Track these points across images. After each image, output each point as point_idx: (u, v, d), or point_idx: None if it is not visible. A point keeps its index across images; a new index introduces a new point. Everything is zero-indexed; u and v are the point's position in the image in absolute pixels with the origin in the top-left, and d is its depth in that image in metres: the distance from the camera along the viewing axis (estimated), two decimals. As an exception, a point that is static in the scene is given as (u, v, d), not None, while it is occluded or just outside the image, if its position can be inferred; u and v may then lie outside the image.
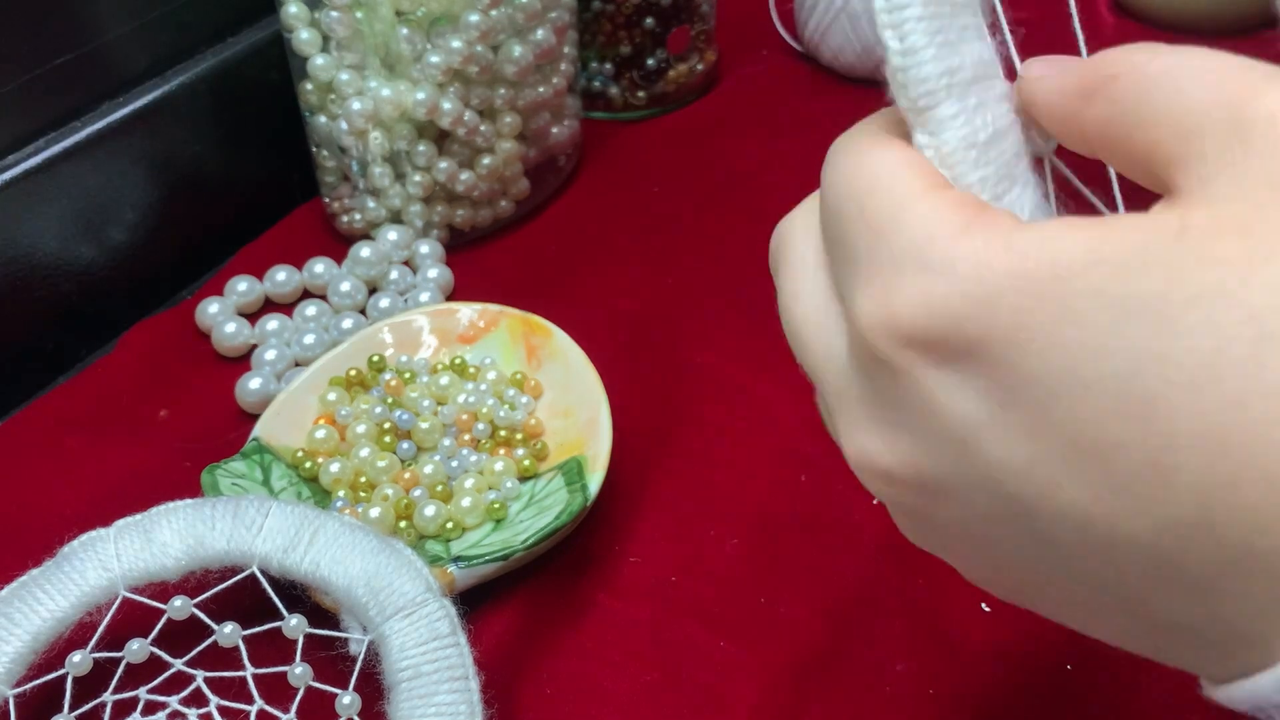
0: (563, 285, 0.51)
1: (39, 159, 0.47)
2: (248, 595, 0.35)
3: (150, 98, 0.50)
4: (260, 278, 0.50)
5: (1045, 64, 0.22)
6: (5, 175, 0.46)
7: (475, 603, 0.37)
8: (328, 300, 0.50)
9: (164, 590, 0.34)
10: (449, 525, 0.39)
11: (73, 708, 0.33)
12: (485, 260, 0.53)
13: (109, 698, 0.34)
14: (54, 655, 0.34)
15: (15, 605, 0.34)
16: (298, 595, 0.35)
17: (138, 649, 0.34)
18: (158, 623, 0.34)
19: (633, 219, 0.55)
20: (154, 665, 0.34)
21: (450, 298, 0.51)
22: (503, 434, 0.42)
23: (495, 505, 0.40)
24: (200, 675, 0.34)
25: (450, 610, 0.33)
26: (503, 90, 0.51)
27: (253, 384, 0.45)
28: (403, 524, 0.39)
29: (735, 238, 0.53)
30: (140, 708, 0.34)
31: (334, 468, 0.40)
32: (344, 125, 0.49)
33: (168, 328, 0.49)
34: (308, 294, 0.51)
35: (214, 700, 0.34)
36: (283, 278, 0.50)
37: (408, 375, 0.44)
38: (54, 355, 0.49)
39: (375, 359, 0.44)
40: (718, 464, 0.43)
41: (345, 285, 0.49)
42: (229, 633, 0.34)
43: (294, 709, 0.33)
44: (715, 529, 0.40)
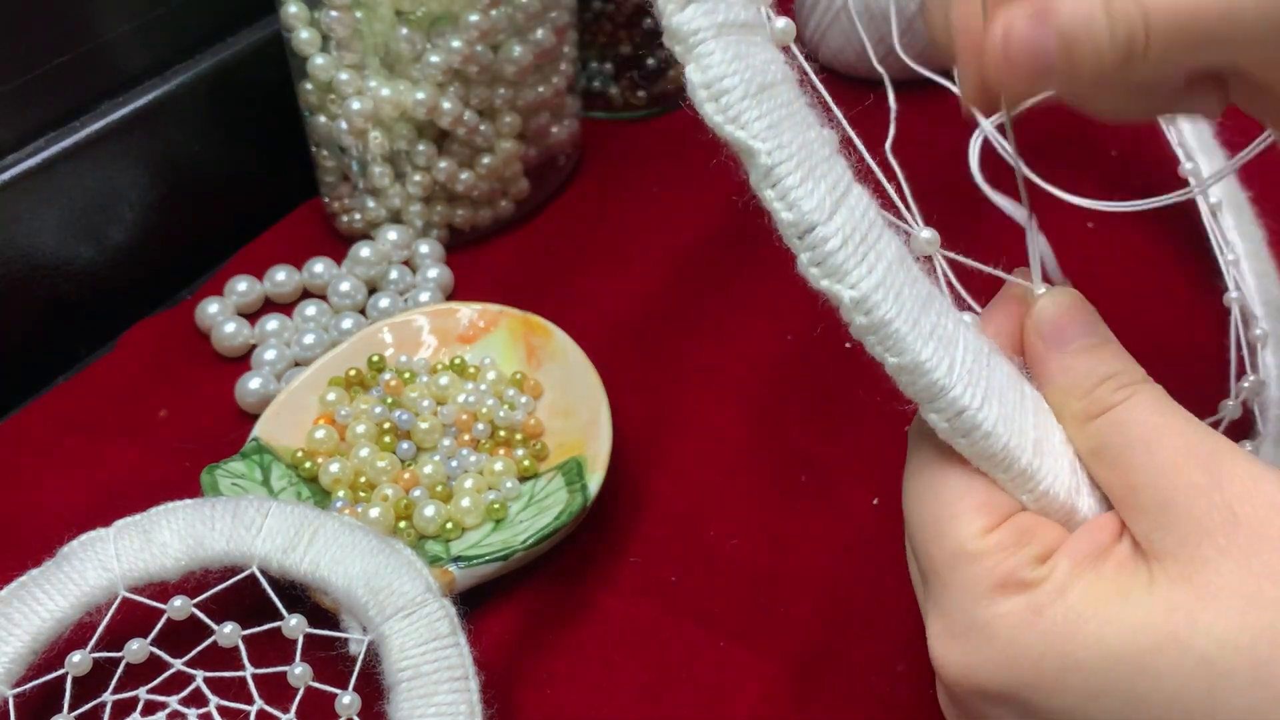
0: (563, 285, 0.51)
1: (39, 159, 0.47)
2: (247, 595, 0.35)
3: (150, 98, 0.50)
4: (260, 278, 0.50)
5: (1055, 338, 0.27)
6: (5, 175, 0.45)
7: (475, 603, 0.37)
8: (327, 300, 0.50)
9: (164, 590, 0.34)
10: (449, 525, 0.39)
11: (73, 708, 0.33)
12: (485, 260, 0.53)
13: (109, 698, 0.34)
14: (54, 655, 0.34)
15: (15, 605, 0.34)
16: (297, 595, 0.35)
17: (137, 649, 0.34)
18: (157, 623, 0.34)
19: (633, 219, 0.55)
20: (154, 665, 0.34)
21: (450, 298, 0.51)
22: (503, 434, 0.42)
23: (495, 505, 0.40)
24: (200, 675, 0.34)
25: (450, 610, 0.33)
26: (503, 90, 0.51)
27: (252, 384, 0.45)
28: (402, 524, 0.39)
29: (735, 238, 0.53)
30: (140, 708, 0.34)
31: (334, 468, 0.40)
32: (344, 125, 0.49)
33: (168, 328, 0.49)
34: (307, 294, 0.51)
35: (214, 700, 0.34)
36: (282, 278, 0.50)
37: (407, 375, 0.44)
38: (53, 355, 0.49)
39: (375, 359, 0.44)
40: (718, 464, 0.43)
41: (345, 285, 0.49)
42: (229, 633, 0.34)
43: (294, 709, 0.33)
44: (715, 529, 0.40)
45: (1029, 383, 0.27)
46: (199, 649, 0.34)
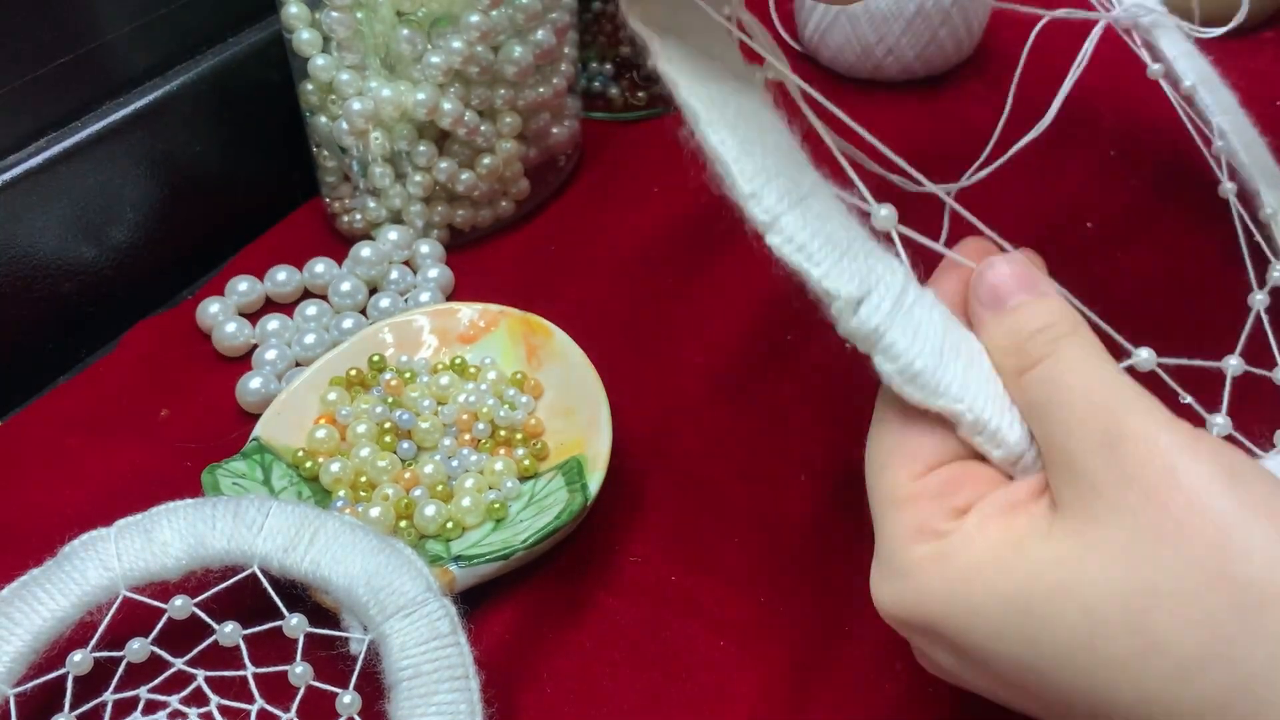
0: (563, 285, 0.51)
1: (39, 159, 0.47)
2: (248, 595, 0.35)
3: (150, 98, 0.50)
4: (261, 278, 0.50)
5: (991, 299, 0.29)
6: (5, 175, 0.46)
7: (475, 602, 0.37)
8: (328, 300, 0.50)
9: (164, 590, 0.34)
10: (449, 525, 0.39)
11: (73, 707, 0.33)
12: (485, 260, 0.53)
13: (110, 697, 0.34)
14: (55, 654, 0.34)
15: (16, 605, 0.34)
16: (298, 595, 0.35)
17: (138, 648, 0.34)
18: (158, 622, 0.34)
19: (633, 219, 0.55)
20: (154, 665, 0.34)
21: (450, 298, 0.51)
22: (503, 434, 0.42)
23: (495, 505, 0.40)
24: (201, 674, 0.35)
25: (450, 610, 0.33)
26: (503, 90, 0.51)
27: (253, 384, 0.45)
28: (403, 524, 0.39)
29: (736, 238, 0.53)
30: (141, 707, 0.34)
31: (334, 467, 0.40)
32: (344, 125, 0.49)
33: (168, 328, 0.49)
34: (308, 294, 0.51)
35: (214, 699, 0.34)
36: (283, 278, 0.50)
37: (408, 375, 0.44)
38: (54, 355, 0.49)
39: (375, 359, 0.44)
40: (717, 463, 0.43)
41: (346, 285, 0.49)
42: (229, 632, 0.34)
43: (294, 708, 0.33)
44: (715, 529, 0.40)
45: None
46: (200, 648, 0.34)
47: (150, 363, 0.48)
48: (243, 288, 0.50)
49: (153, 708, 0.34)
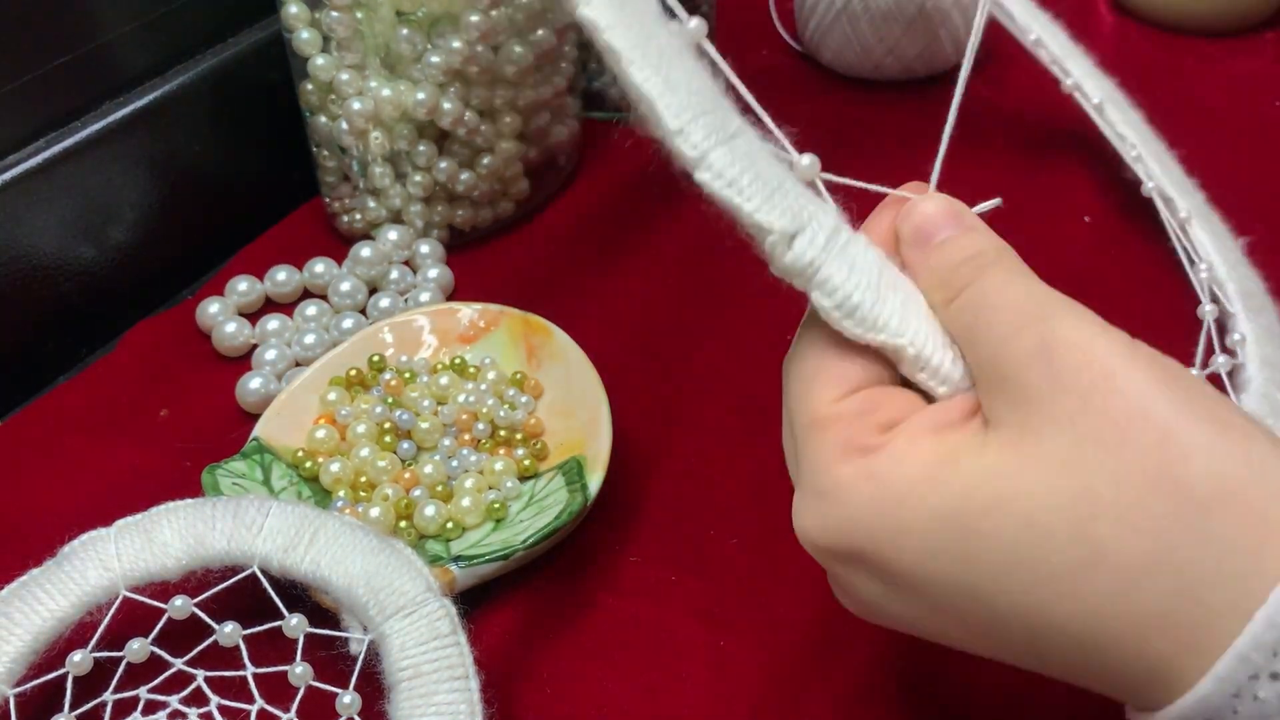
0: (563, 285, 0.51)
1: (39, 159, 0.47)
2: (248, 595, 0.35)
3: (150, 98, 0.50)
4: (260, 278, 0.50)
5: (917, 237, 0.28)
6: (5, 175, 0.46)
7: (475, 603, 0.37)
8: (328, 300, 0.50)
9: (164, 590, 0.34)
10: (449, 525, 0.39)
11: (73, 707, 0.33)
12: (485, 260, 0.53)
13: (109, 697, 0.34)
14: (54, 655, 0.34)
15: (15, 605, 0.34)
16: (298, 595, 0.35)
17: (138, 648, 0.34)
18: (158, 622, 0.34)
19: (633, 219, 0.55)
20: (154, 665, 0.34)
21: (450, 298, 0.51)
22: (503, 434, 0.42)
23: (495, 505, 0.40)
24: (200, 675, 0.35)
25: (450, 610, 0.33)
26: (503, 90, 0.51)
27: (253, 384, 0.45)
28: (403, 524, 0.39)
29: (735, 237, 0.53)
30: (140, 707, 0.34)
31: (334, 467, 0.40)
32: (344, 125, 0.49)
33: (168, 328, 0.49)
34: (308, 294, 0.51)
35: (214, 700, 0.34)
36: (283, 277, 0.50)
37: (408, 375, 0.44)
38: (54, 355, 0.49)
39: (375, 359, 0.44)
40: (718, 464, 0.43)
41: (345, 285, 0.49)
42: (229, 632, 0.34)
43: (294, 709, 0.33)
44: (715, 529, 0.40)
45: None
46: (200, 648, 0.34)
47: (150, 363, 0.48)
48: (242, 288, 0.50)
49: (152, 708, 0.34)
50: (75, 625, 0.34)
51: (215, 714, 0.34)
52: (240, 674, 0.34)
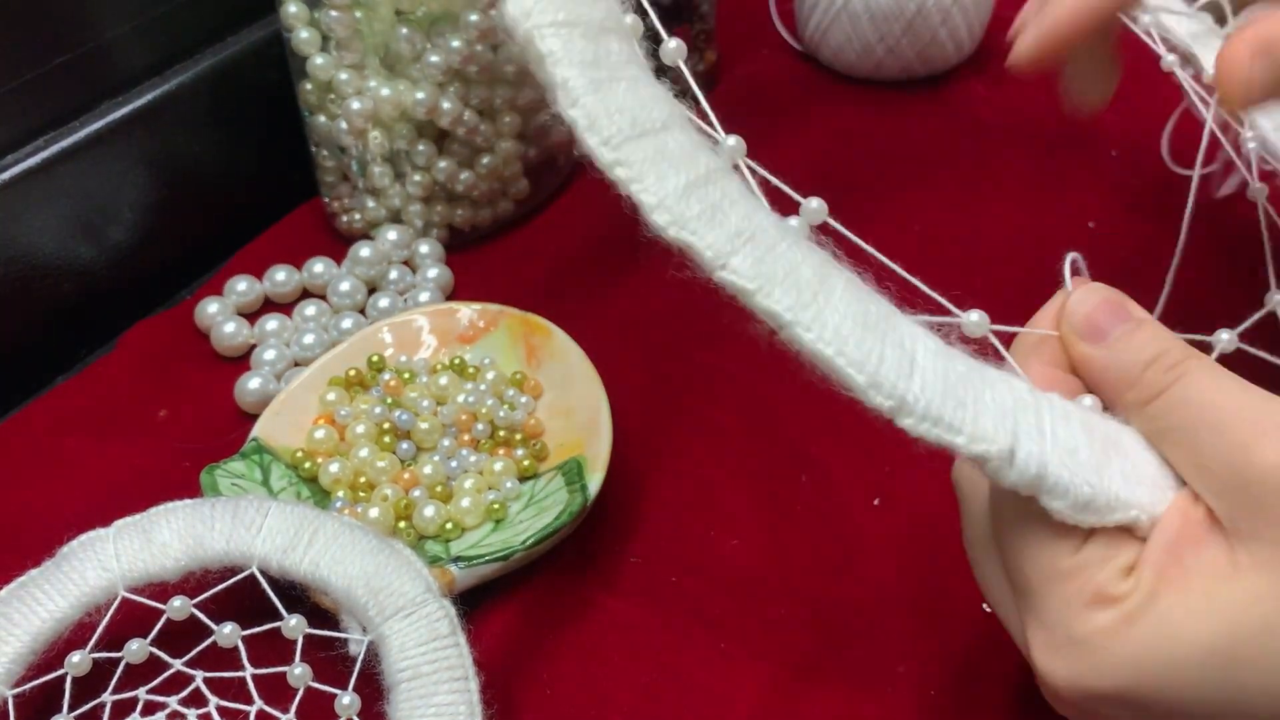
0: (563, 285, 0.51)
1: (39, 159, 0.47)
2: (247, 595, 0.35)
3: (150, 98, 0.50)
4: (260, 277, 0.50)
5: (1091, 332, 0.28)
6: (5, 175, 0.45)
7: (475, 603, 0.37)
8: (327, 300, 0.50)
9: (163, 590, 0.34)
10: (449, 525, 0.39)
11: (72, 708, 0.33)
12: (485, 260, 0.53)
13: (108, 698, 0.34)
14: (53, 655, 0.34)
15: (15, 605, 0.34)
16: (297, 595, 0.35)
17: (137, 649, 0.34)
18: (157, 623, 0.34)
19: (632, 219, 0.55)
20: (153, 665, 0.34)
21: (450, 298, 0.51)
22: (502, 434, 0.42)
23: (495, 505, 0.40)
24: (200, 675, 0.34)
25: (450, 610, 0.33)
26: (502, 90, 0.51)
27: (252, 384, 0.45)
28: (402, 524, 0.39)
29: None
30: (140, 708, 0.34)
31: (333, 468, 0.40)
32: (344, 125, 0.49)
33: (167, 328, 0.49)
34: (307, 294, 0.51)
35: (213, 700, 0.34)
36: (282, 277, 0.50)
37: (407, 375, 0.44)
38: (53, 355, 0.49)
39: (375, 359, 0.44)
40: (718, 464, 0.43)
41: (345, 285, 0.49)
42: (228, 633, 0.34)
43: (293, 709, 0.33)
44: (715, 529, 0.40)
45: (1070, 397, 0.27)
46: (199, 649, 0.34)
47: (149, 363, 0.48)
48: (241, 287, 0.50)
49: (151, 709, 0.34)
50: (74, 626, 0.34)
51: (214, 715, 0.34)
52: (239, 675, 0.34)
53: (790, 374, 0.46)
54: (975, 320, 0.27)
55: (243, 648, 0.34)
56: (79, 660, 0.34)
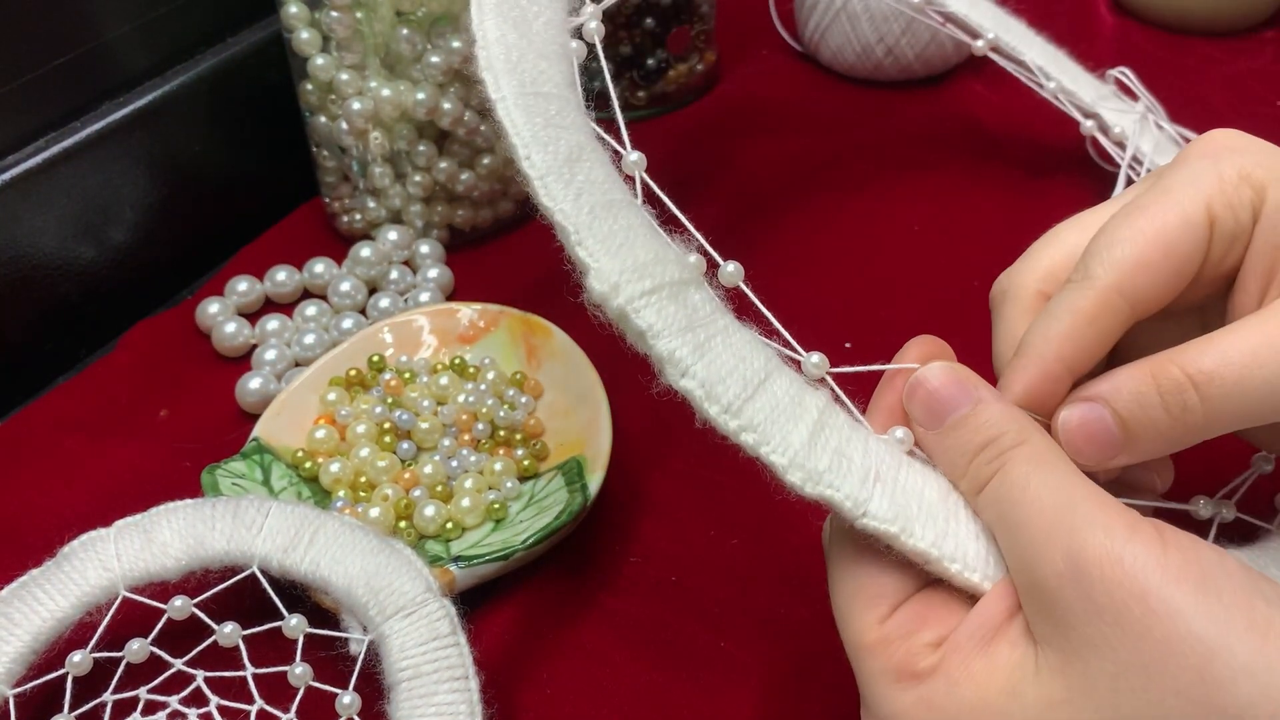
0: (563, 285, 0.51)
1: (39, 159, 0.47)
2: (248, 595, 0.35)
3: (150, 98, 0.50)
4: (260, 278, 0.50)
5: (928, 417, 0.27)
6: (5, 175, 0.46)
7: (475, 603, 0.37)
8: (328, 300, 0.50)
9: (164, 590, 0.34)
10: (449, 525, 0.39)
11: (73, 707, 0.33)
12: (485, 260, 0.53)
13: (109, 697, 0.34)
14: (54, 655, 0.34)
15: (15, 605, 0.34)
16: (298, 595, 0.35)
17: (138, 649, 0.34)
18: (158, 623, 0.34)
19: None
20: (154, 665, 0.34)
21: (450, 298, 0.51)
22: (503, 434, 0.42)
23: (495, 505, 0.40)
24: (200, 675, 0.35)
25: (450, 610, 0.33)
26: (503, 90, 0.51)
27: (253, 384, 0.45)
28: (403, 524, 0.39)
29: (735, 237, 0.53)
30: (140, 708, 0.34)
31: (334, 468, 0.40)
32: (344, 125, 0.49)
33: (168, 328, 0.49)
34: (308, 294, 0.51)
35: (214, 700, 0.34)
36: (283, 278, 0.50)
37: (408, 375, 0.44)
38: (54, 355, 0.49)
39: (375, 359, 0.44)
40: (718, 464, 0.43)
41: (345, 285, 0.49)
42: (229, 633, 0.34)
43: (294, 709, 0.33)
44: (715, 529, 0.40)
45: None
46: (199, 649, 0.34)
47: (149, 363, 0.48)
48: (242, 288, 0.50)
49: (152, 708, 0.34)
50: (75, 625, 0.34)
51: (215, 714, 0.34)
52: (240, 674, 0.34)
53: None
54: (815, 362, 0.28)
55: (243, 647, 0.34)
56: (80, 660, 0.34)
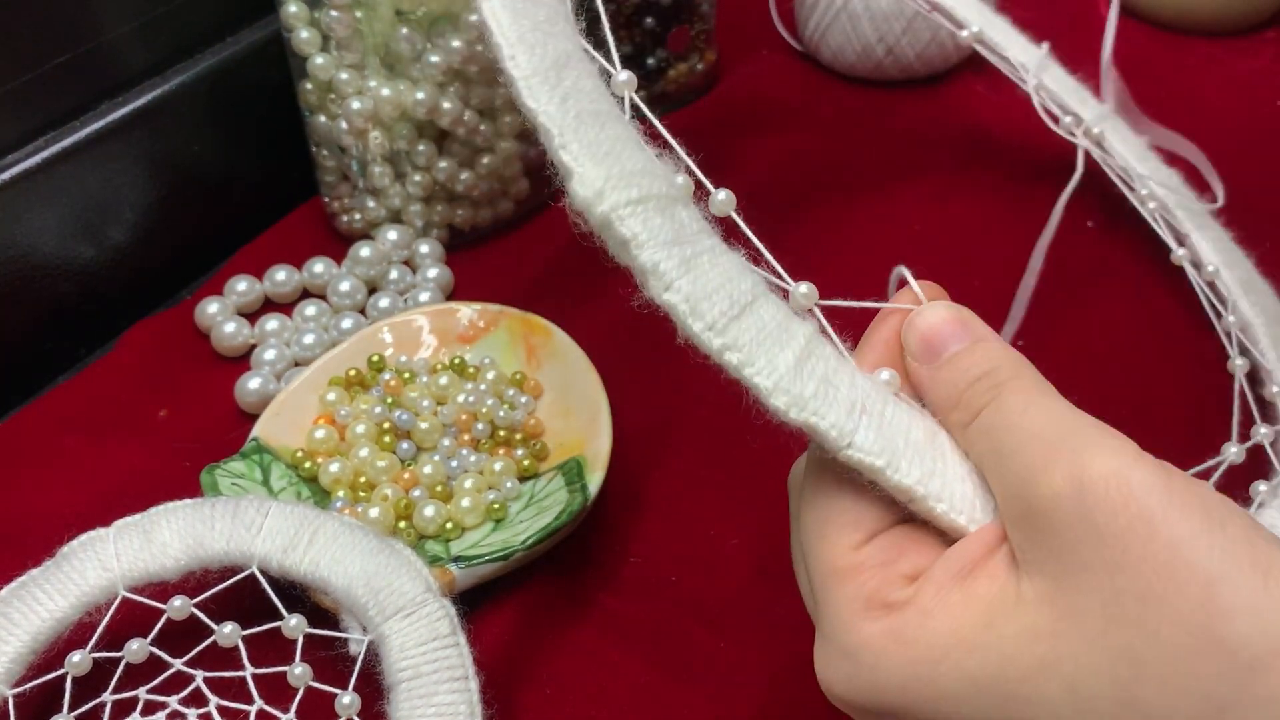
0: (563, 285, 0.51)
1: (39, 159, 0.47)
2: (247, 595, 0.35)
3: (150, 98, 0.50)
4: (260, 277, 0.50)
5: (924, 351, 0.27)
6: (5, 175, 0.45)
7: (475, 603, 0.37)
8: (327, 300, 0.50)
9: (164, 590, 0.34)
10: (449, 525, 0.39)
11: (72, 708, 0.33)
12: (485, 260, 0.53)
13: (109, 698, 0.34)
14: (54, 655, 0.34)
15: (15, 605, 0.34)
16: (297, 595, 0.35)
17: (137, 649, 0.34)
18: (157, 623, 0.34)
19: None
20: (154, 665, 0.34)
21: (450, 297, 0.51)
22: (502, 434, 0.42)
23: (495, 505, 0.40)
24: (200, 675, 0.34)
25: (450, 610, 0.33)
26: (503, 89, 0.51)
27: (252, 384, 0.45)
28: (402, 524, 0.39)
29: (735, 237, 0.53)
30: (140, 708, 0.34)
31: (333, 468, 0.40)
32: (344, 125, 0.49)
33: (167, 328, 0.49)
34: (307, 294, 0.51)
35: (214, 700, 0.34)
36: (282, 277, 0.50)
37: (407, 375, 0.44)
38: (53, 355, 0.49)
39: (375, 359, 0.44)
40: (718, 464, 0.43)
41: (345, 285, 0.49)
42: (229, 633, 0.34)
43: (294, 709, 0.33)
44: (715, 529, 0.40)
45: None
46: (199, 649, 0.34)
47: (149, 363, 0.48)
48: (241, 287, 0.50)
49: (152, 708, 0.34)
50: (74, 626, 0.34)
51: (214, 714, 0.34)
52: (239, 674, 0.34)
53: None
54: (804, 292, 0.27)
55: (243, 647, 0.34)
56: (79, 660, 0.34)
